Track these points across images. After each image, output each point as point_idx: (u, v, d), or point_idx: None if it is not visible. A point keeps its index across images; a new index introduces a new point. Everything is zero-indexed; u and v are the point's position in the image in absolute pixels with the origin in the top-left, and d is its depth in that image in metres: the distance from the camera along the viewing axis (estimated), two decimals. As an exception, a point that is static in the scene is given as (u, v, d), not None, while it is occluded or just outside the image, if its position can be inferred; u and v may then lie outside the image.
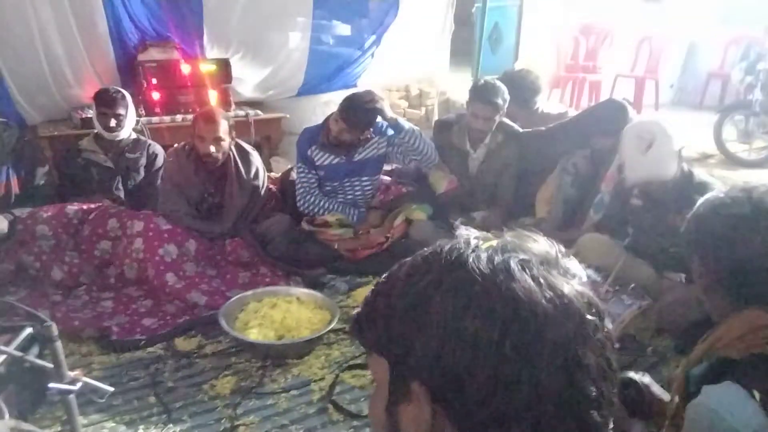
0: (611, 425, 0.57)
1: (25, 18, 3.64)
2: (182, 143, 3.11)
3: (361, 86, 4.60)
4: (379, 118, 3.17)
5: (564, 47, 6.98)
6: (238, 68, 4.31)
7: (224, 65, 4.15)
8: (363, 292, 2.75)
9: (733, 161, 5.32)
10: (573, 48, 6.95)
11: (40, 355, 1.68)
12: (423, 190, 3.43)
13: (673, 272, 2.57)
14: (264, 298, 2.57)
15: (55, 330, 1.41)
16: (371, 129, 3.22)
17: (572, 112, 3.77)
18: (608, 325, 0.60)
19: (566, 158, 3.23)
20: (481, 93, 3.19)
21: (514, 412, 0.53)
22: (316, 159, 3.23)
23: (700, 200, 1.20)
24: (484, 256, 0.58)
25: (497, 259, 0.57)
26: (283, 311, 2.46)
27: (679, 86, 7.70)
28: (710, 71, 7.24)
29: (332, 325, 2.36)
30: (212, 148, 2.92)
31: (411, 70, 5.38)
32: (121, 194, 3.28)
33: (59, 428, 1.89)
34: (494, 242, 0.61)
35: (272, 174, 3.74)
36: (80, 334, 2.40)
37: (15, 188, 3.18)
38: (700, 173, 2.50)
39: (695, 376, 1.05)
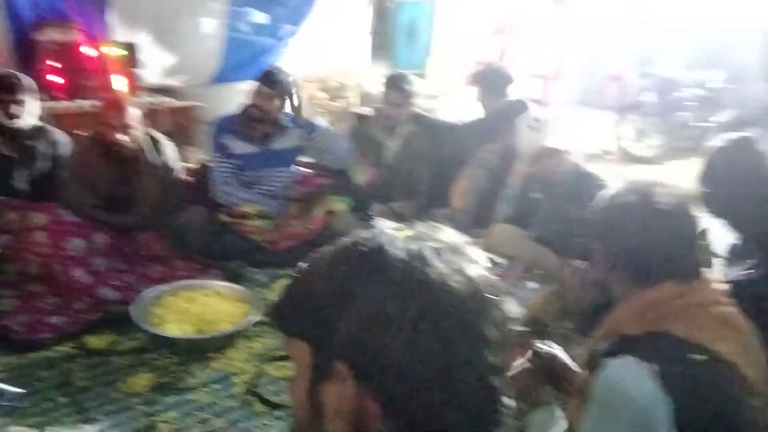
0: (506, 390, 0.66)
1: None
2: (88, 131, 2.94)
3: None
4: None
5: (477, 45, 7.21)
6: (146, 52, 4.12)
7: (131, 49, 3.95)
8: (284, 284, 2.75)
9: (628, 158, 5.75)
10: (485, 46, 7.19)
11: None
12: (342, 181, 3.46)
13: (576, 259, 2.76)
14: (180, 293, 2.50)
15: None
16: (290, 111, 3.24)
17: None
18: (511, 306, 0.69)
19: (479, 153, 3.38)
20: (393, 80, 3.52)
21: (429, 382, 0.60)
22: (232, 148, 3.18)
23: (600, 193, 1.33)
24: (400, 244, 0.64)
25: (412, 247, 0.64)
26: (201, 305, 2.41)
27: (582, 87, 8.19)
28: (610, 74, 7.75)
29: (253, 318, 2.34)
30: (121, 137, 2.79)
31: (329, 61, 5.36)
32: (24, 185, 3.05)
33: (-43, 435, 1.76)
34: (408, 232, 0.67)
35: (189, 164, 3.61)
36: (-23, 334, 2.23)
37: None
38: (585, 166, 2.79)
39: (600, 353, 1.16)
